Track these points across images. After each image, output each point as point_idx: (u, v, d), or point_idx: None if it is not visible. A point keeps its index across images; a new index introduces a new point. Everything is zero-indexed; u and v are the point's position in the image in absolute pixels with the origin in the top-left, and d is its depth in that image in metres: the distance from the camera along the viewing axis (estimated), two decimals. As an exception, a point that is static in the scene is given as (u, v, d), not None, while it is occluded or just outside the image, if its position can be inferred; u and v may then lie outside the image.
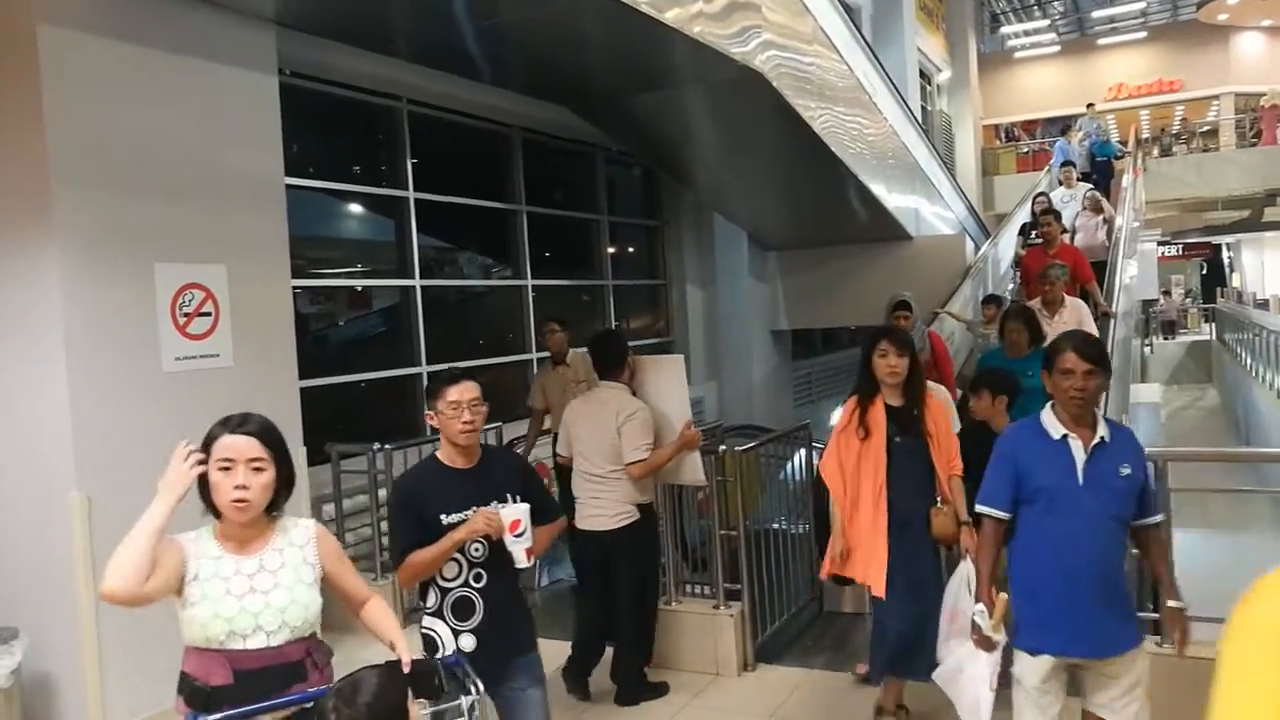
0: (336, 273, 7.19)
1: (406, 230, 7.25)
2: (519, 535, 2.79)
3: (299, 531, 2.30)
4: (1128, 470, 2.72)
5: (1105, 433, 2.74)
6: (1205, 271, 29.74)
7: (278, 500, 2.24)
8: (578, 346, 6.32)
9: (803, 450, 5.83)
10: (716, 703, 4.37)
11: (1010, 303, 8.04)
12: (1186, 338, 23.10)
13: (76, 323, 4.09)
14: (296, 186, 5.85)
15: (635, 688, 4.37)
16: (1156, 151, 21.10)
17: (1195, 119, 22.80)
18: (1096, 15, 24.58)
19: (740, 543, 4.67)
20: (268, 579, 2.18)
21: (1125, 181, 12.76)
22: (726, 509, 4.72)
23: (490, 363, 8.00)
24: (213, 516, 2.21)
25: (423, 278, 7.34)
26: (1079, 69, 23.94)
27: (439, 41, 6.00)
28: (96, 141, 4.22)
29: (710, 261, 10.93)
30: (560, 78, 6.94)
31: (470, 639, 2.85)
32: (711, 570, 4.77)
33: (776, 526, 5.34)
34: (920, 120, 13.73)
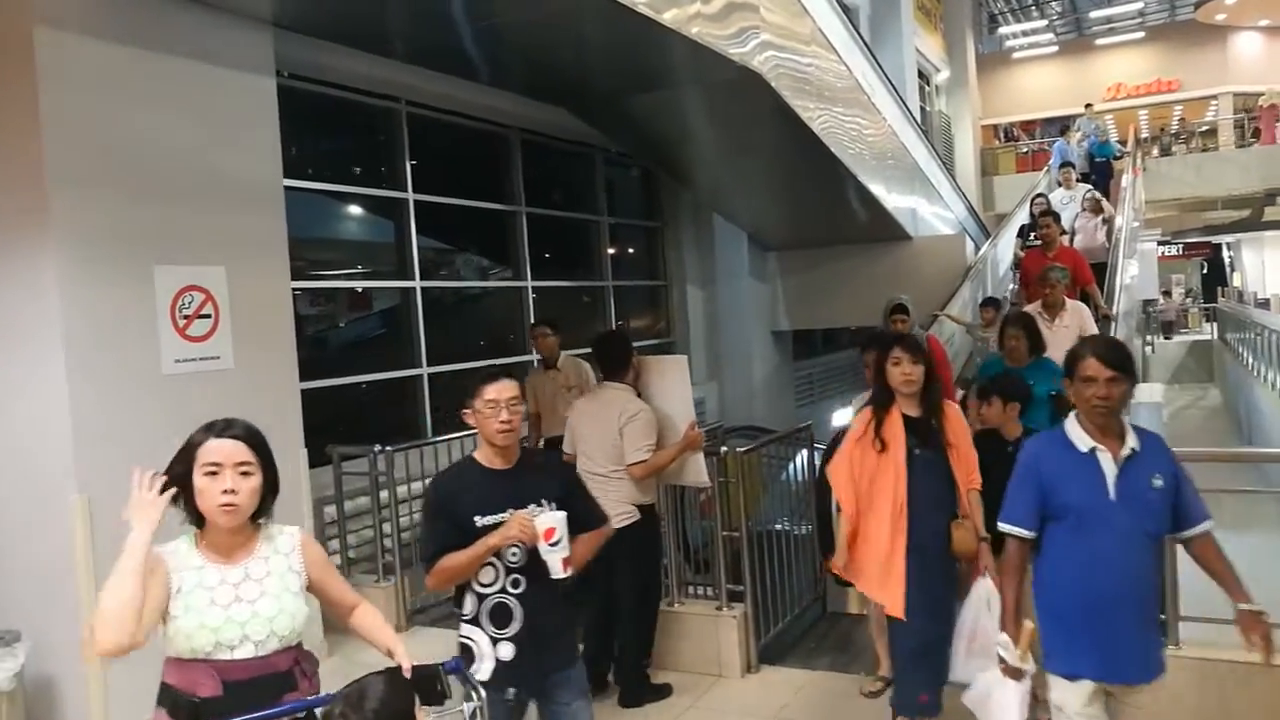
0: (336, 274, 7.18)
1: (406, 232, 7.24)
2: (554, 544, 2.66)
3: (284, 539, 2.26)
4: (1160, 482, 2.54)
5: (1135, 443, 2.56)
6: (1206, 271, 29.72)
7: (264, 506, 2.20)
8: (571, 350, 6.32)
9: (805, 451, 5.81)
10: (719, 704, 4.36)
11: (1009, 306, 8.03)
12: (1188, 337, 23.07)
13: (75, 324, 4.07)
14: (296, 188, 5.84)
15: (638, 689, 4.36)
16: (1156, 151, 21.14)
17: (1194, 119, 22.84)
18: (1094, 15, 24.67)
19: (743, 544, 4.66)
20: (254, 588, 2.15)
21: (1125, 181, 12.75)
22: (729, 510, 4.71)
23: (491, 364, 7.99)
24: (193, 525, 2.17)
25: (423, 279, 7.33)
26: (1077, 69, 23.97)
27: (437, 43, 5.99)
28: (94, 144, 4.20)
29: (710, 262, 10.91)
30: (559, 79, 6.92)
31: (509, 647, 2.75)
32: (714, 571, 4.76)
33: (779, 527, 5.33)
34: (919, 120, 13.74)
